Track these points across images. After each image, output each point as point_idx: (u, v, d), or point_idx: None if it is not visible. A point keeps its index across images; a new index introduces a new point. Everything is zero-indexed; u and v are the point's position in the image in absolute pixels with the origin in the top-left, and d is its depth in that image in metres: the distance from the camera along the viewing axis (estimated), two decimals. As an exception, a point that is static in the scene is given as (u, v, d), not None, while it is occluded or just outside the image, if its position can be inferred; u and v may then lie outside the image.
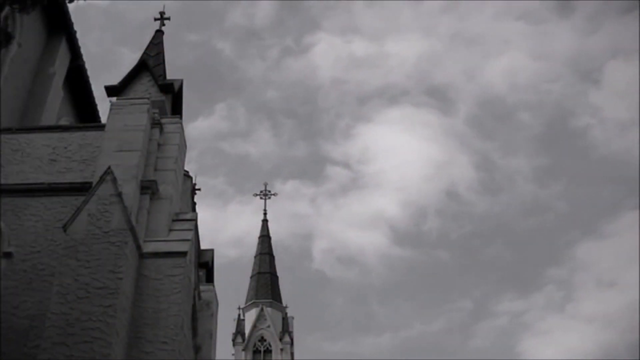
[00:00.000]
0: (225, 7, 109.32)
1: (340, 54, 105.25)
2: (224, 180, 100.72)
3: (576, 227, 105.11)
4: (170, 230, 9.53)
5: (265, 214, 47.63)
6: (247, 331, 41.99)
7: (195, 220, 10.03)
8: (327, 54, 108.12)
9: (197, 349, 11.60)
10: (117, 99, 10.71)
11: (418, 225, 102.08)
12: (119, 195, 8.92)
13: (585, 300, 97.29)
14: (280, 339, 41.77)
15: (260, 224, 47.20)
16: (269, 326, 42.22)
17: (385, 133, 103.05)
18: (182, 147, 10.65)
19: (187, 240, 9.38)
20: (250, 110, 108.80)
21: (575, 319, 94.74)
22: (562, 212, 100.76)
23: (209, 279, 13.76)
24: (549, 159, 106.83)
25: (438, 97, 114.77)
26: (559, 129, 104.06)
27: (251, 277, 44.86)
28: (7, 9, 12.02)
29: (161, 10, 12.84)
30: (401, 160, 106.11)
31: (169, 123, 10.65)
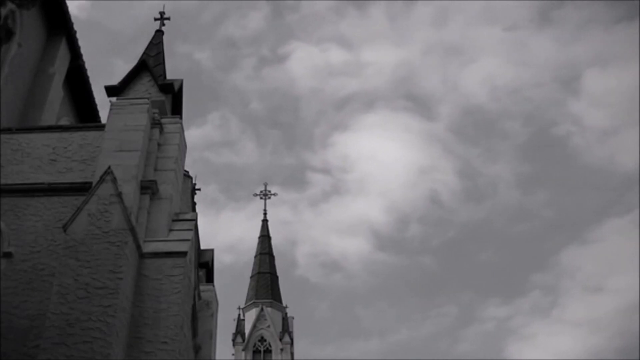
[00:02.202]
0: (216, 19, 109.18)
1: (317, 62, 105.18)
2: (214, 188, 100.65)
3: (561, 233, 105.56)
4: (170, 230, 9.52)
5: (265, 214, 47.76)
6: (247, 331, 42.03)
7: (195, 220, 10.03)
8: (305, 62, 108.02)
9: (197, 349, 11.61)
10: (117, 99, 10.71)
11: (401, 231, 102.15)
12: (119, 195, 8.92)
13: (571, 306, 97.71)
14: (280, 339, 41.81)
15: (260, 224, 47.36)
16: (269, 326, 42.26)
17: (366, 139, 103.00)
18: (182, 147, 10.64)
19: (187, 240, 9.37)
20: (236, 120, 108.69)
21: (561, 323, 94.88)
22: (547, 219, 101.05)
23: (209, 279, 13.77)
24: (531, 167, 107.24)
25: (419, 103, 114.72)
26: (541, 137, 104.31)
27: (251, 277, 44.90)
28: (7, 9, 12.01)
29: (161, 10, 12.84)
30: (383, 166, 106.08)
31: (169, 123, 10.65)
